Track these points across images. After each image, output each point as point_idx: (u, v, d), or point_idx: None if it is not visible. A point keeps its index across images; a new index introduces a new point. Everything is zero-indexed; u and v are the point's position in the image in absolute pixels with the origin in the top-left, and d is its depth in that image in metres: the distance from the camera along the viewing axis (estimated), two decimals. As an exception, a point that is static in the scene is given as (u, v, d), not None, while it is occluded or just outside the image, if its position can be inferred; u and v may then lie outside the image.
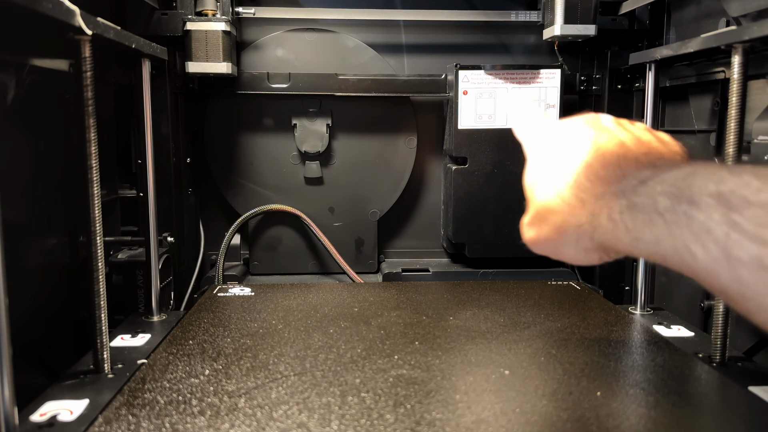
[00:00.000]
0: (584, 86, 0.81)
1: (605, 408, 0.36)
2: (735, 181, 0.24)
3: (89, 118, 0.43)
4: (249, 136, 0.80)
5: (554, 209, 0.35)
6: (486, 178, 0.76)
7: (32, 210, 0.49)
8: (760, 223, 0.23)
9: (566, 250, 0.35)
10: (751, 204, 0.23)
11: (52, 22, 0.37)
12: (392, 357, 0.44)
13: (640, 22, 0.76)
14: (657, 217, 0.27)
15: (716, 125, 0.63)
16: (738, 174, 0.25)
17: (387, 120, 0.81)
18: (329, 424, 0.34)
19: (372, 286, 0.66)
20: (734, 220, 0.23)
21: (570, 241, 0.34)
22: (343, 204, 0.81)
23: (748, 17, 0.55)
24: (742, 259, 0.23)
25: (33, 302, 0.48)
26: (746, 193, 0.24)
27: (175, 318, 0.57)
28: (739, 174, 0.24)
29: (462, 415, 0.35)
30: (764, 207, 0.23)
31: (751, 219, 0.23)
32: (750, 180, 0.24)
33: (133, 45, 0.50)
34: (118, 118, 0.67)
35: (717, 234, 0.24)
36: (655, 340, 0.50)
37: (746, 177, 0.24)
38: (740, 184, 0.24)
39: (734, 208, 0.24)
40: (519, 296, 0.61)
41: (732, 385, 0.41)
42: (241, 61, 0.78)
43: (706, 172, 0.26)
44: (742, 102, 0.47)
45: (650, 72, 0.61)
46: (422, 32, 0.81)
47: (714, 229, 0.24)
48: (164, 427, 0.34)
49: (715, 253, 0.24)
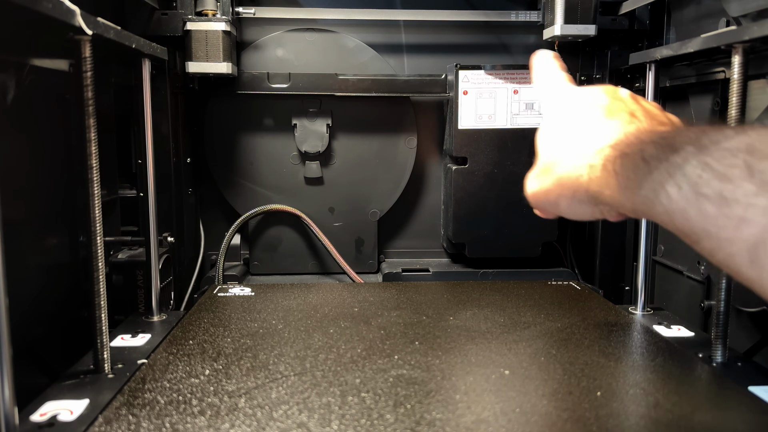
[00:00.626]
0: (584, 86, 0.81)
1: (605, 408, 0.36)
2: (714, 131, 0.27)
3: (89, 118, 0.43)
4: (249, 136, 0.80)
5: (559, 162, 0.38)
6: (486, 178, 0.76)
7: (32, 210, 0.49)
8: (727, 162, 0.25)
9: (562, 202, 0.38)
10: (721, 147, 0.26)
11: (52, 22, 0.37)
12: (392, 357, 0.44)
13: (640, 22, 0.76)
14: (642, 163, 0.29)
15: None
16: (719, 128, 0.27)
17: (387, 120, 0.81)
18: (329, 424, 0.34)
19: (372, 286, 0.66)
20: (705, 161, 0.26)
21: (567, 193, 0.37)
22: (343, 204, 0.81)
23: (748, 17, 0.55)
24: (707, 195, 0.25)
25: (33, 302, 0.48)
26: (719, 138, 0.26)
27: (175, 318, 0.57)
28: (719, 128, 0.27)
29: (462, 415, 0.35)
30: (731, 150, 0.25)
31: (719, 159, 0.25)
32: (726, 131, 0.27)
33: (133, 45, 0.50)
34: (118, 118, 0.67)
35: (690, 174, 0.26)
36: (655, 340, 0.50)
37: (725, 130, 0.27)
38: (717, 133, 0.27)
39: (707, 151, 0.26)
40: (519, 296, 0.61)
41: (732, 385, 0.41)
42: (241, 61, 0.78)
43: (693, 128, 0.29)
44: (742, 102, 0.47)
45: (650, 72, 0.61)
46: (422, 32, 0.81)
47: (688, 170, 0.26)
48: (164, 427, 0.34)
49: (687, 191, 0.26)
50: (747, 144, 0.25)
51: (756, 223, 0.24)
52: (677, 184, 0.27)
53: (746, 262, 0.24)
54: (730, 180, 0.25)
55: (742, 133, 0.26)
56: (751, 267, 0.24)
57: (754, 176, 0.24)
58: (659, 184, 0.28)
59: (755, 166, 0.24)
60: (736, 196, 0.24)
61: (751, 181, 0.24)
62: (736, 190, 0.24)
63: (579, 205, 0.36)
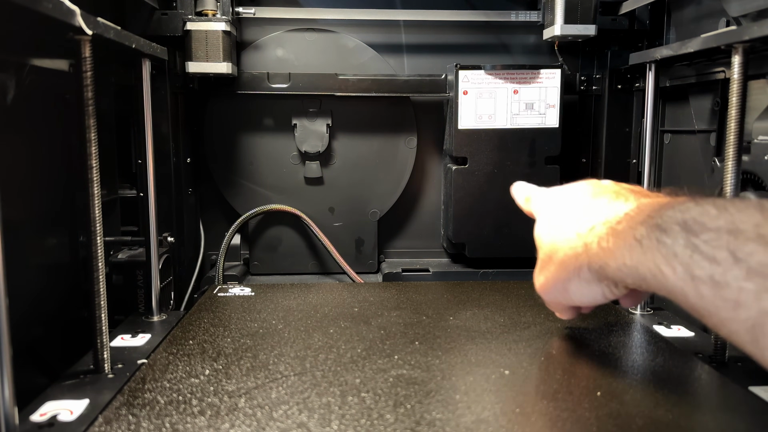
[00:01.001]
0: (584, 86, 0.81)
1: (605, 408, 0.36)
2: (697, 210, 0.28)
3: (89, 118, 0.43)
4: (249, 136, 0.80)
5: (557, 247, 0.39)
6: (486, 178, 0.76)
7: (32, 210, 0.49)
8: (713, 245, 0.26)
9: (571, 286, 0.38)
10: (707, 228, 0.27)
11: (52, 22, 0.37)
12: (392, 357, 0.44)
13: (640, 22, 0.76)
14: (635, 243, 0.31)
15: (716, 125, 0.63)
16: (701, 204, 0.28)
17: (387, 120, 0.81)
18: (329, 424, 0.34)
19: (372, 286, 0.66)
20: (694, 243, 0.27)
21: (572, 275, 0.38)
22: (343, 204, 0.81)
23: (748, 17, 0.55)
24: (701, 278, 0.26)
25: (33, 302, 0.48)
26: (704, 219, 0.27)
27: (175, 318, 0.57)
28: (702, 204, 0.28)
29: (462, 415, 0.35)
30: (716, 231, 0.26)
31: (707, 241, 0.26)
32: (709, 209, 0.28)
33: (133, 45, 0.50)
34: (118, 118, 0.67)
35: (682, 256, 0.27)
36: (655, 340, 0.50)
37: (707, 206, 0.28)
38: (701, 213, 0.28)
39: (694, 233, 0.27)
40: (519, 296, 0.61)
41: (732, 385, 0.41)
42: (241, 61, 0.78)
43: (676, 203, 0.30)
44: (742, 102, 0.47)
45: (650, 72, 0.61)
46: (422, 32, 0.81)
47: (679, 252, 0.28)
48: (164, 427, 0.34)
49: (681, 273, 0.27)
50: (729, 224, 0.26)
51: (750, 306, 0.24)
52: (671, 266, 0.28)
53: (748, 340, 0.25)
54: (718, 263, 0.26)
55: (724, 211, 0.27)
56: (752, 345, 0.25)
57: (739, 262, 0.25)
58: (655, 266, 0.29)
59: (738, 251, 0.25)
60: (726, 280, 0.25)
61: (738, 266, 0.25)
62: (726, 274, 0.25)
63: (587, 285, 0.37)
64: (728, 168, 0.47)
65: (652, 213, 0.31)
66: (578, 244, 0.36)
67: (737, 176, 0.47)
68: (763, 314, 0.24)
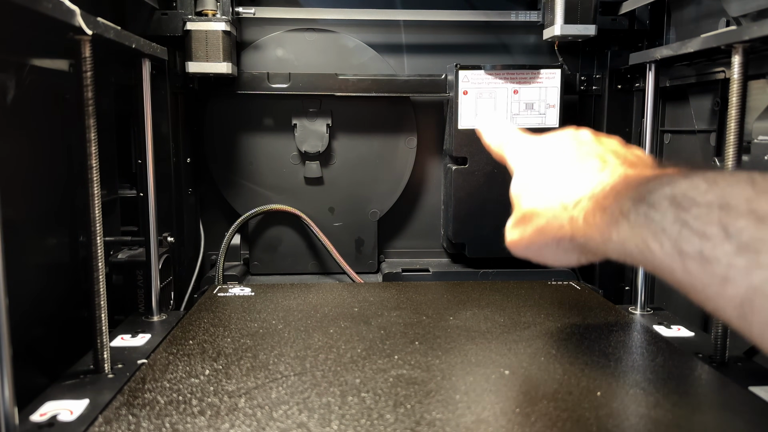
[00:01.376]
0: (584, 86, 0.81)
1: (605, 408, 0.36)
2: (686, 184, 0.27)
3: (89, 118, 0.43)
4: (249, 136, 0.80)
5: (538, 212, 0.38)
6: (486, 178, 0.76)
7: (32, 210, 0.49)
8: (704, 220, 0.25)
9: (547, 251, 0.39)
10: (697, 204, 0.26)
11: (52, 22, 0.37)
12: (392, 357, 0.44)
13: (640, 22, 0.76)
14: (622, 218, 0.30)
15: (716, 125, 0.63)
16: (690, 178, 0.28)
17: (387, 120, 0.81)
18: (329, 424, 0.34)
19: (372, 286, 0.66)
20: (683, 219, 0.26)
21: (551, 243, 0.37)
22: (343, 204, 0.81)
23: (748, 17, 0.55)
24: (689, 253, 0.26)
25: (33, 302, 0.48)
26: (694, 194, 0.26)
27: (175, 318, 0.57)
28: (691, 178, 0.27)
29: (462, 415, 0.35)
30: (707, 206, 0.26)
31: (697, 217, 0.26)
32: (698, 183, 0.27)
33: (133, 45, 0.50)
34: (118, 118, 0.67)
35: (670, 231, 0.27)
36: (655, 340, 0.50)
37: (696, 180, 0.27)
38: (690, 187, 0.27)
39: (683, 208, 0.26)
40: (519, 296, 0.61)
41: (732, 385, 0.41)
42: (241, 61, 0.78)
43: (664, 177, 0.29)
44: (742, 102, 0.47)
45: (650, 72, 0.61)
46: (422, 32, 0.81)
47: (668, 227, 0.27)
48: (164, 427, 0.34)
49: (669, 248, 0.27)
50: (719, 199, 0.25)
51: (739, 283, 0.24)
52: (659, 241, 0.27)
53: (735, 316, 0.24)
54: (708, 238, 0.25)
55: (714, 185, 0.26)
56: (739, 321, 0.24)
57: (730, 237, 0.24)
58: (642, 241, 0.28)
59: (730, 226, 0.24)
60: (716, 255, 0.25)
61: (729, 241, 0.24)
62: (716, 249, 0.25)
63: (564, 253, 0.37)
64: (728, 168, 0.47)
65: (639, 187, 0.30)
66: (563, 216, 0.36)
67: (737, 176, 0.47)
68: (752, 290, 0.23)
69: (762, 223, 0.23)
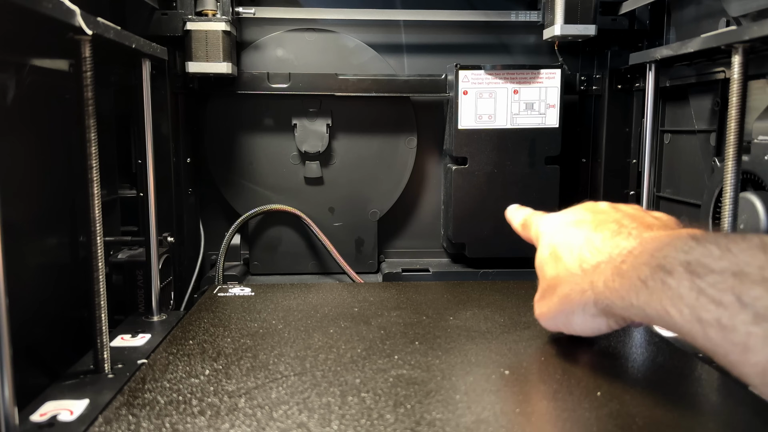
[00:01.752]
0: (584, 86, 0.81)
1: (605, 408, 0.36)
2: (700, 250, 0.28)
3: (89, 118, 0.43)
4: (249, 136, 0.80)
5: (562, 280, 0.39)
6: (486, 178, 0.76)
7: (32, 210, 0.49)
8: (719, 288, 0.26)
9: (575, 319, 0.39)
10: (712, 271, 0.26)
11: (52, 22, 0.37)
12: (392, 357, 0.44)
13: (640, 22, 0.76)
14: (640, 284, 0.30)
15: (716, 125, 0.63)
16: (703, 243, 0.28)
17: (387, 120, 0.81)
18: (329, 424, 0.34)
19: (372, 286, 0.66)
20: (699, 286, 0.26)
21: (577, 309, 0.38)
22: (343, 204, 0.81)
23: (748, 17, 0.55)
24: (708, 321, 0.26)
25: (33, 302, 0.48)
26: (708, 261, 0.27)
27: (175, 318, 0.57)
28: (704, 243, 0.28)
29: (462, 415, 0.35)
30: (722, 273, 0.26)
31: (712, 284, 0.26)
32: (712, 249, 0.27)
33: (133, 45, 0.50)
34: (118, 118, 0.67)
35: (688, 299, 0.27)
36: (655, 340, 0.50)
37: (709, 246, 0.27)
38: (704, 253, 0.27)
39: (699, 275, 0.27)
40: (519, 296, 0.61)
41: (732, 385, 0.41)
42: (241, 61, 0.78)
43: (679, 242, 0.29)
44: (742, 102, 0.47)
45: (650, 72, 0.61)
46: (422, 32, 0.81)
47: (685, 294, 0.27)
48: (164, 427, 0.34)
49: (688, 316, 0.27)
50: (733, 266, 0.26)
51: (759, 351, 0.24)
52: (678, 308, 0.27)
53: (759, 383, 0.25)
54: (725, 307, 0.25)
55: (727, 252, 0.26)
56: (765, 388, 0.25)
57: (746, 306, 0.24)
58: (662, 308, 0.29)
59: (744, 295, 0.25)
60: (734, 324, 0.25)
61: (744, 311, 0.24)
62: (733, 318, 0.25)
63: (592, 319, 0.38)
64: (728, 168, 0.47)
65: (654, 252, 0.30)
66: (584, 281, 0.37)
67: (737, 176, 0.47)
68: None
69: None
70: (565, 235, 0.41)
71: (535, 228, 0.47)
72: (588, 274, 0.37)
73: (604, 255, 0.36)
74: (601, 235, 0.38)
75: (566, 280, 0.39)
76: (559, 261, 0.40)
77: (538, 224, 0.46)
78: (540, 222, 0.46)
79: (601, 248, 0.37)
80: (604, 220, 0.39)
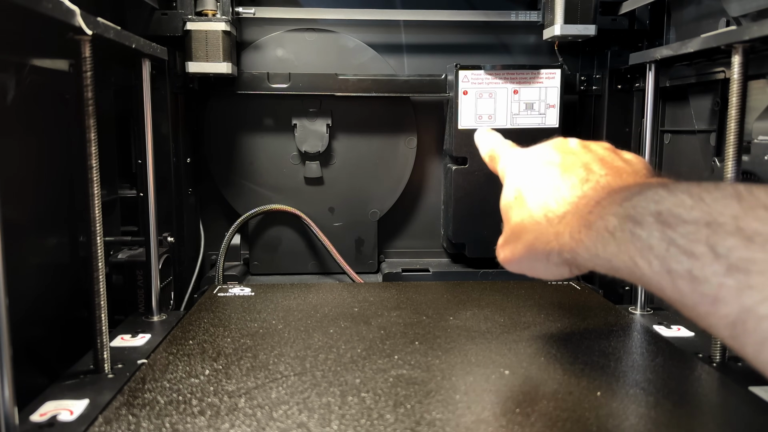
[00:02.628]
0: (584, 86, 0.81)
1: (605, 408, 0.36)
2: (671, 200, 0.27)
3: (89, 118, 0.43)
4: (249, 136, 0.80)
5: (526, 228, 0.38)
6: (486, 178, 0.76)
7: (32, 210, 0.49)
8: (691, 239, 0.25)
9: (538, 266, 0.38)
10: (683, 221, 0.25)
11: (52, 22, 0.37)
12: (392, 357, 0.44)
13: (640, 22, 0.76)
14: (608, 235, 0.29)
15: (716, 125, 0.63)
16: (675, 193, 0.27)
17: (387, 120, 0.81)
18: (329, 424, 0.34)
19: (372, 286, 0.66)
20: (670, 237, 0.26)
21: (541, 258, 0.37)
22: (343, 204, 0.81)
23: (748, 17, 0.55)
24: (678, 272, 0.25)
25: (33, 302, 0.48)
26: (680, 211, 0.26)
27: (175, 318, 0.57)
28: (675, 193, 0.27)
29: (462, 415, 0.35)
30: (694, 223, 0.25)
31: (684, 234, 0.25)
32: (684, 198, 0.26)
33: (133, 45, 0.50)
34: (118, 118, 0.67)
35: (657, 250, 0.26)
36: (655, 340, 0.50)
37: (681, 196, 0.26)
38: (676, 203, 0.26)
39: (670, 226, 0.26)
40: (519, 296, 0.61)
41: (732, 385, 0.41)
42: (241, 61, 0.78)
43: (649, 192, 0.28)
44: (742, 102, 0.47)
45: (650, 72, 0.61)
46: (422, 32, 0.81)
47: (655, 245, 0.26)
48: (164, 427, 0.34)
49: (657, 267, 0.26)
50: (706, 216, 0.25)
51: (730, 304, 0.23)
52: (647, 259, 0.27)
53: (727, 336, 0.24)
54: (697, 258, 0.24)
55: (700, 201, 0.26)
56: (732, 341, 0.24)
57: (719, 257, 0.24)
58: (629, 259, 0.28)
59: (718, 246, 0.24)
60: (705, 275, 0.24)
61: (718, 261, 0.24)
62: (705, 269, 0.24)
63: (555, 267, 0.37)
64: (728, 168, 0.47)
65: (623, 202, 0.29)
66: (549, 232, 0.36)
67: (737, 176, 0.47)
68: (743, 311, 0.23)
69: (750, 243, 0.23)
70: (532, 178, 0.40)
71: (502, 164, 0.46)
72: (553, 224, 0.36)
73: (570, 205, 0.35)
74: (569, 182, 0.37)
75: (531, 229, 0.38)
76: (523, 206, 0.39)
77: (506, 161, 0.45)
78: (507, 158, 0.45)
79: (567, 197, 0.36)
80: (573, 163, 0.38)
